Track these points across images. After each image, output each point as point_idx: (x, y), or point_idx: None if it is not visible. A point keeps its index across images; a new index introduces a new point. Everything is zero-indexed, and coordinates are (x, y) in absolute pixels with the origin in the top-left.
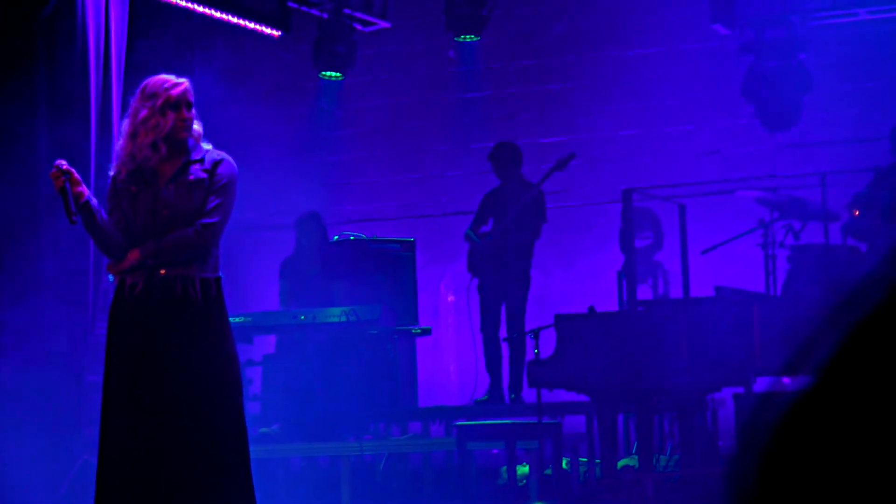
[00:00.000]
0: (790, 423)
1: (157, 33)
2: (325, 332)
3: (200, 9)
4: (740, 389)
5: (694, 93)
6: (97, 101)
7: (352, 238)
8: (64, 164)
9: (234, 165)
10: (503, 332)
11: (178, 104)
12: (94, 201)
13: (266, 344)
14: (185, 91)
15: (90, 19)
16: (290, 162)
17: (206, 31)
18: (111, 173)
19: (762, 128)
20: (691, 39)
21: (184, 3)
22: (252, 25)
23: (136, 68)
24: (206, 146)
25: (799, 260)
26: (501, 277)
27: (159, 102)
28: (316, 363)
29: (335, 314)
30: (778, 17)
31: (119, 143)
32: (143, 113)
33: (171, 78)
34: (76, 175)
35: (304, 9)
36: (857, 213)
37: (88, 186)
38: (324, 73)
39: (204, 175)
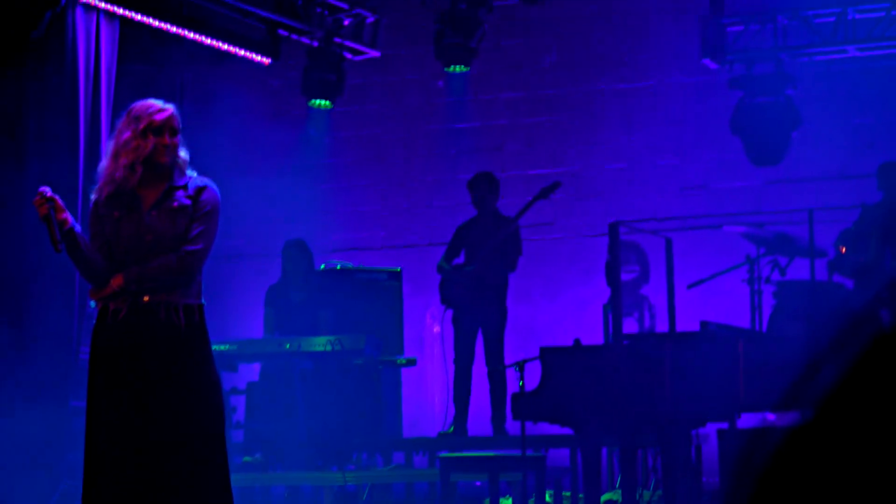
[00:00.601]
0: (784, 459)
1: (146, 58)
2: (310, 361)
3: (191, 35)
4: (724, 425)
5: (682, 127)
6: (86, 124)
7: (338, 267)
8: (48, 190)
9: (218, 192)
10: (477, 365)
11: (160, 129)
12: (78, 227)
13: (250, 372)
14: (169, 116)
15: (80, 42)
16: (277, 190)
17: (196, 57)
18: (93, 196)
19: (750, 163)
20: (681, 74)
21: (174, 30)
22: (242, 53)
23: (125, 93)
24: (191, 173)
25: (785, 296)
26: (477, 309)
27: (142, 126)
28: (300, 392)
29: (320, 343)
30: (767, 53)
31: (101, 164)
32: (126, 135)
33: (158, 103)
34: (60, 202)
35: (294, 37)
36: (843, 249)
37: (77, 212)
38: (313, 101)
39: (188, 201)
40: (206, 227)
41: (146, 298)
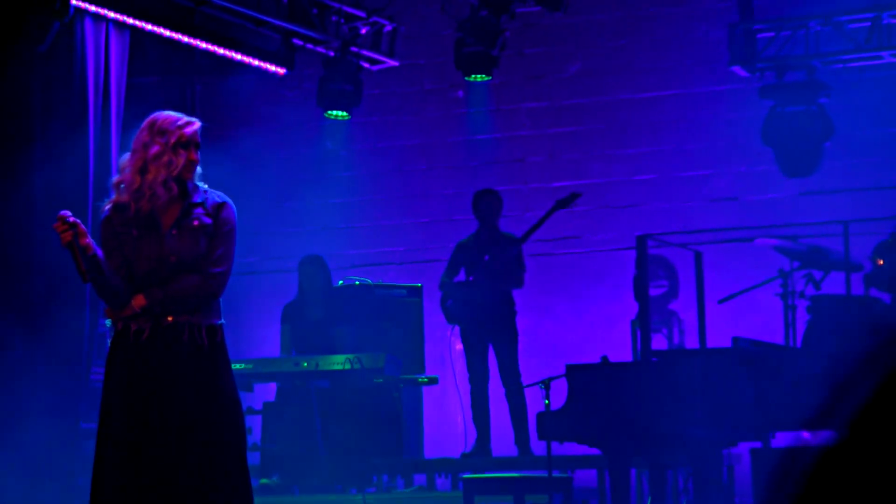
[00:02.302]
0: (819, 480)
1: (158, 70)
2: (328, 381)
3: (203, 46)
4: (758, 444)
5: (711, 137)
6: (95, 136)
7: (356, 283)
8: (69, 215)
9: (234, 208)
10: (492, 383)
11: (188, 144)
12: (100, 252)
13: (267, 392)
14: (196, 131)
15: (89, 53)
16: (293, 204)
17: (208, 68)
18: (106, 209)
19: (782, 174)
20: (709, 82)
21: (186, 40)
22: (256, 63)
23: (135, 104)
24: (203, 185)
25: (820, 311)
26: (485, 326)
27: (172, 140)
28: (318, 412)
29: (338, 361)
30: (799, 60)
31: (120, 178)
32: (155, 149)
33: (182, 116)
34: (82, 227)
35: (309, 46)
36: (880, 262)
37: (86, 223)
38: (329, 112)
39: (208, 220)
40: (228, 246)
41: (170, 319)
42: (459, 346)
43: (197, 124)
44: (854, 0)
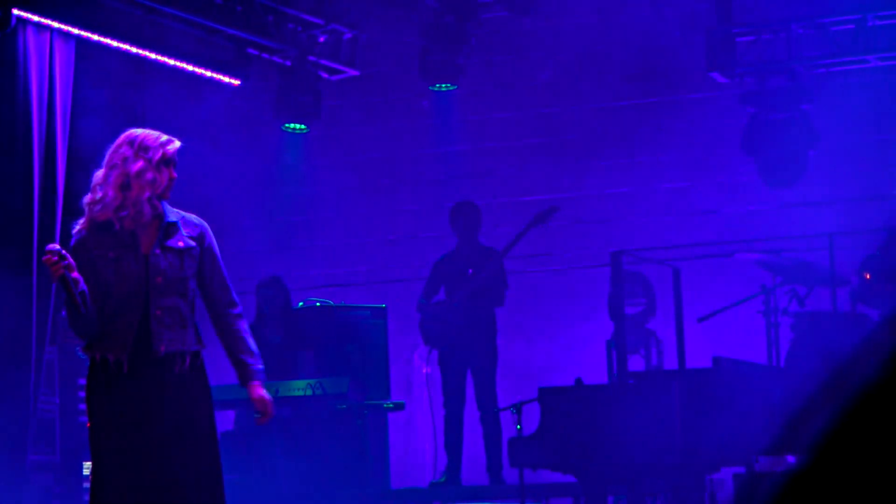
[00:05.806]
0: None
1: (104, 81)
2: (289, 407)
3: (153, 56)
4: (741, 469)
5: (689, 147)
6: (40, 148)
7: (318, 304)
8: (59, 248)
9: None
10: (469, 408)
11: (170, 162)
12: (84, 285)
13: (224, 420)
14: (177, 150)
15: (33, 65)
16: (250, 223)
17: (159, 79)
18: (80, 230)
19: (764, 185)
20: (686, 89)
21: (135, 51)
22: (209, 74)
23: (82, 117)
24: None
25: (804, 328)
26: (465, 348)
27: (157, 157)
28: (278, 441)
29: (299, 387)
30: (780, 64)
31: (97, 196)
32: (139, 165)
33: (160, 134)
34: (71, 260)
35: (265, 56)
36: (867, 276)
37: (31, 242)
38: (287, 125)
39: (193, 244)
40: (224, 274)
41: (162, 349)
42: (426, 370)
43: (178, 143)
44: (838, 1)
